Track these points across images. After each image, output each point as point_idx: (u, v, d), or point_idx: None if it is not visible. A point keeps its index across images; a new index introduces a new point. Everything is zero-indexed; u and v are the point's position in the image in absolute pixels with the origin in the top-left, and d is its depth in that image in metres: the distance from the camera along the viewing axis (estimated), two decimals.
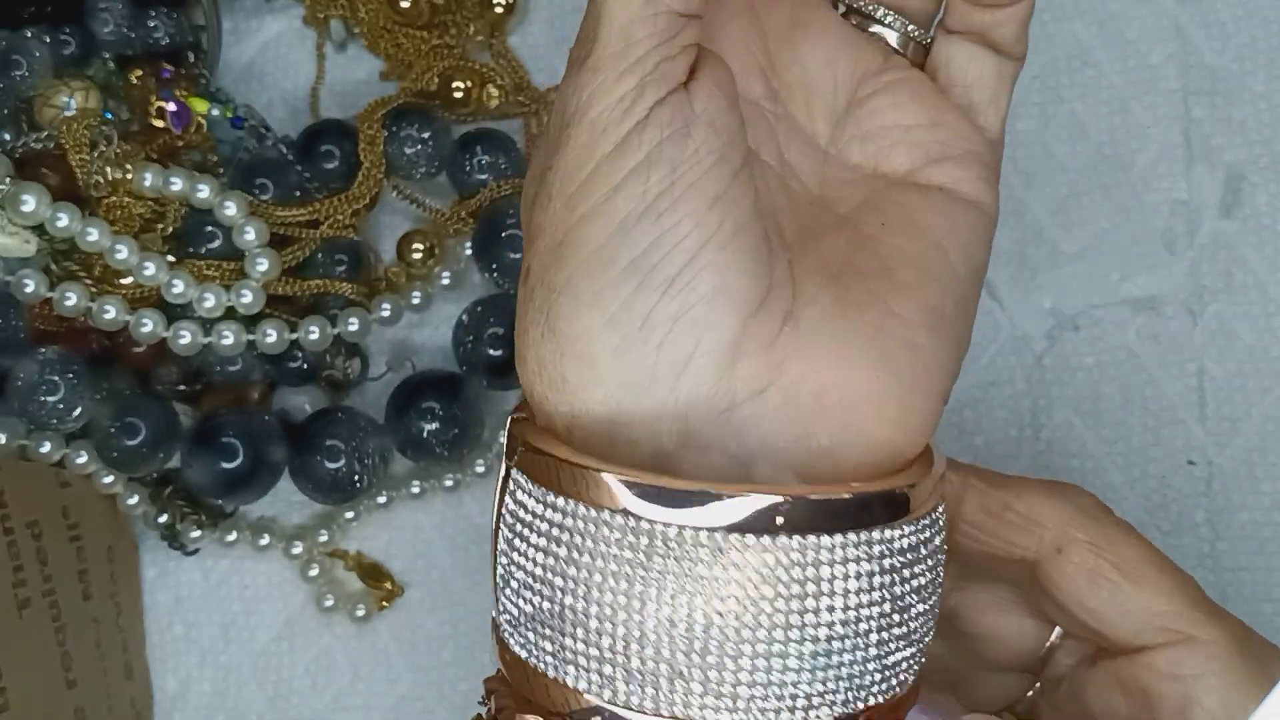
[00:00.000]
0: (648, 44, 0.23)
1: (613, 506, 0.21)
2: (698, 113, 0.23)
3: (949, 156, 0.27)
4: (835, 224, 0.26)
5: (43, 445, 0.39)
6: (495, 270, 0.41)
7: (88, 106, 0.40)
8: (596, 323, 0.22)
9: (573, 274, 0.22)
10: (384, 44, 0.44)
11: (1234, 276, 0.40)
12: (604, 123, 0.22)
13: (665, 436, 0.23)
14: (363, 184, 0.41)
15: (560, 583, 0.22)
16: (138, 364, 0.40)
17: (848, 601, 0.22)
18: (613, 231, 0.22)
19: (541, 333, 0.23)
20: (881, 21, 0.28)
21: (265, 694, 0.41)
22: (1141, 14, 0.42)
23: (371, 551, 0.42)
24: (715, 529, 0.21)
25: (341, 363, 0.41)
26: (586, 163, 0.22)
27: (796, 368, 0.23)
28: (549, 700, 0.23)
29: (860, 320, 0.24)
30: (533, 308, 0.23)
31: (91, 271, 0.39)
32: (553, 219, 0.23)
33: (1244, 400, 0.39)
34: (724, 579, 0.21)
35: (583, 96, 0.23)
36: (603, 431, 0.23)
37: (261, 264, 0.39)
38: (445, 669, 0.41)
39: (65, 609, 0.37)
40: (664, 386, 0.22)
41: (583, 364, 0.23)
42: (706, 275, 0.22)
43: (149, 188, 0.39)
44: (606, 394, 0.22)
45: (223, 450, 0.38)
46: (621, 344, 0.22)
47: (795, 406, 0.23)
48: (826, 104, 0.27)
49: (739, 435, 0.23)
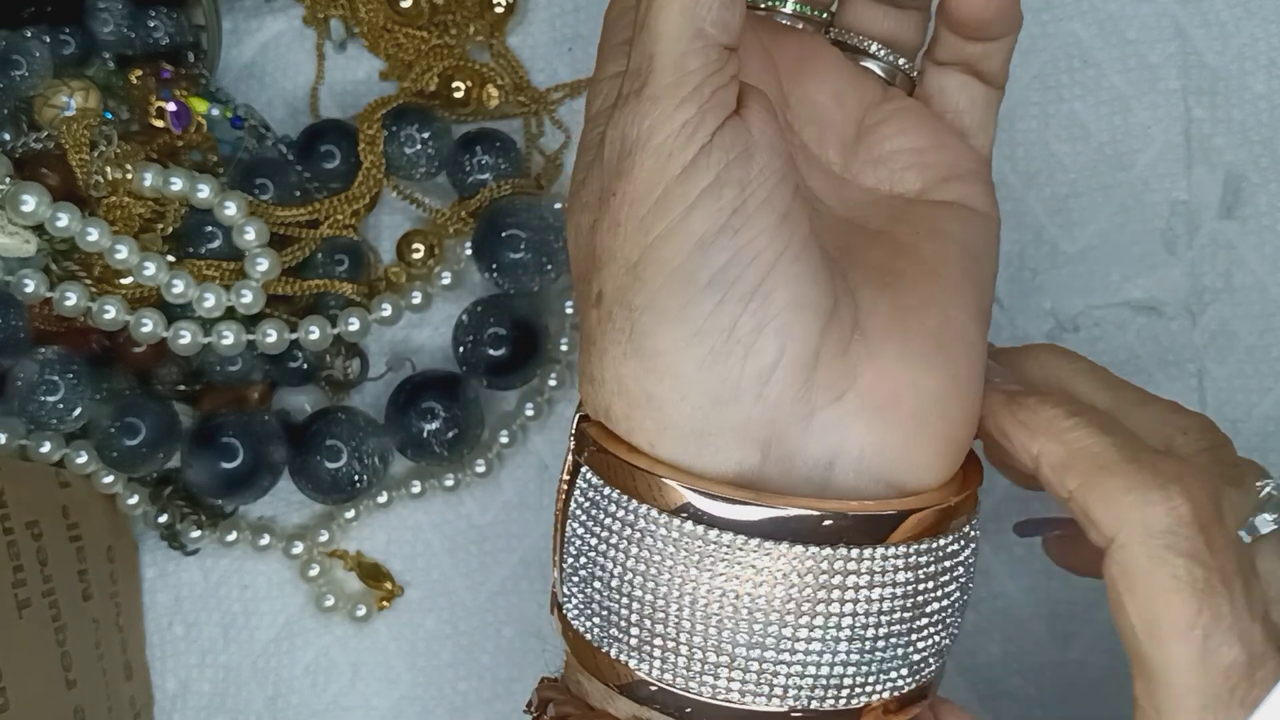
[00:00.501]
0: (701, 74, 0.24)
1: (672, 508, 0.23)
2: (755, 137, 0.24)
3: (956, 175, 0.29)
4: (871, 238, 0.27)
5: (43, 445, 0.39)
6: (495, 270, 0.41)
7: (88, 106, 0.40)
8: (682, 338, 0.23)
9: (656, 293, 0.24)
10: (384, 44, 0.44)
11: (1234, 277, 0.40)
12: (669, 149, 0.24)
13: (751, 445, 0.24)
14: (362, 184, 0.41)
15: (619, 571, 0.24)
16: (138, 364, 0.40)
17: (881, 606, 0.23)
18: (692, 249, 0.23)
19: (624, 352, 0.24)
20: (871, 54, 0.30)
21: (265, 694, 0.41)
22: (1142, 14, 0.42)
23: (371, 551, 0.42)
24: (763, 536, 0.23)
25: (341, 363, 0.41)
26: (655, 186, 0.24)
27: (869, 372, 0.24)
28: (600, 673, 0.25)
29: (921, 323, 0.25)
30: (612, 329, 0.24)
31: (91, 271, 0.39)
32: (625, 241, 0.24)
33: (1244, 401, 0.39)
34: (768, 581, 0.23)
35: (644, 125, 0.24)
36: (691, 444, 0.24)
37: (261, 264, 0.39)
38: (444, 669, 0.41)
39: (65, 609, 0.37)
40: (750, 396, 0.24)
41: (670, 379, 0.24)
42: (783, 287, 0.24)
43: (149, 188, 0.39)
44: (694, 407, 0.24)
45: (223, 450, 0.38)
46: (708, 357, 0.23)
47: (871, 410, 0.24)
48: (837, 134, 0.29)
49: (820, 441, 0.24)
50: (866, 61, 0.31)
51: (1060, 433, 0.25)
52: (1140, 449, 0.24)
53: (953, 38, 0.30)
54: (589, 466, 0.25)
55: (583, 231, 0.25)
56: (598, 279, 0.25)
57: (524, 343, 0.40)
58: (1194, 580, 0.23)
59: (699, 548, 0.23)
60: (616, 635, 0.24)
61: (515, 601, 0.41)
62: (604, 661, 0.25)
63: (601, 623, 0.25)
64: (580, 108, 0.44)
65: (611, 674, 0.25)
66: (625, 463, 0.24)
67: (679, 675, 0.24)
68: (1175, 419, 0.26)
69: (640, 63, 0.24)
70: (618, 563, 0.24)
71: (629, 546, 0.24)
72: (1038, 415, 0.26)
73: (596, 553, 0.24)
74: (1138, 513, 0.23)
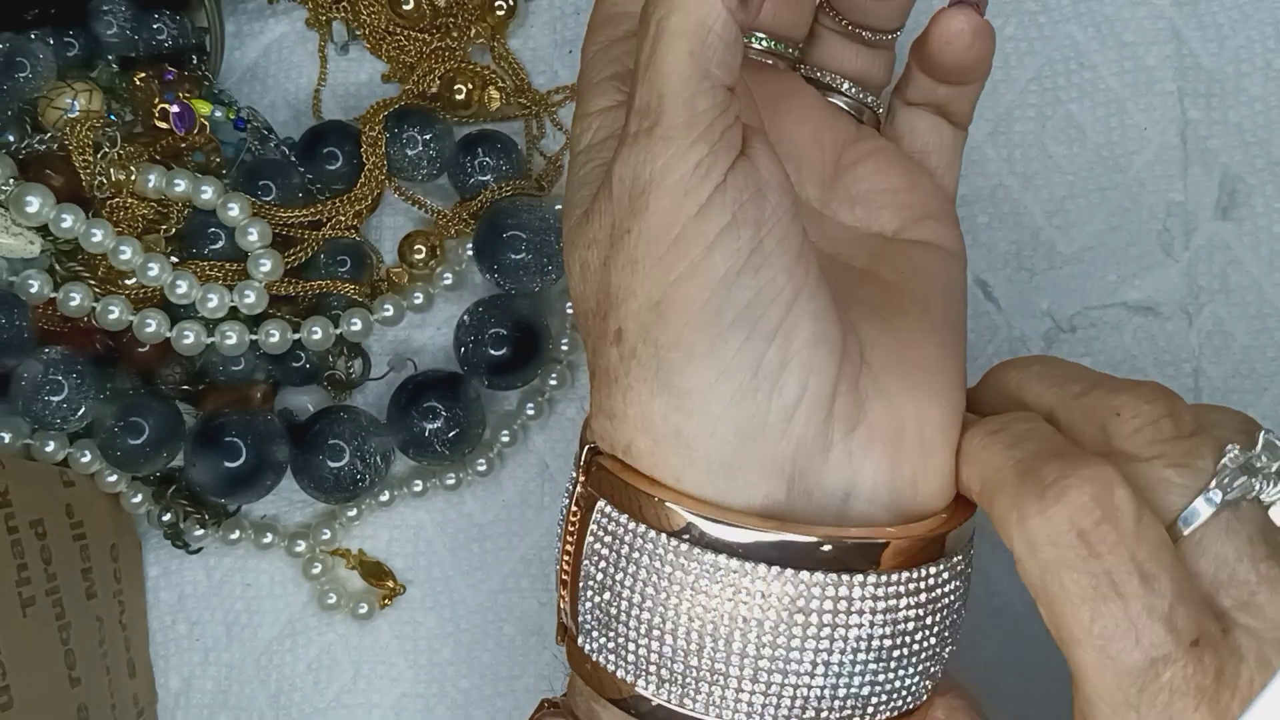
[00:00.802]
0: (711, 114, 0.24)
1: (673, 529, 0.24)
2: (765, 177, 0.25)
3: (929, 215, 0.30)
4: (859, 277, 0.28)
5: (47, 444, 0.39)
6: (496, 271, 0.41)
7: (91, 108, 0.40)
8: (711, 375, 0.24)
9: (682, 331, 0.24)
10: (386, 46, 0.44)
11: (1230, 278, 0.40)
12: (684, 188, 0.24)
13: (777, 479, 0.24)
14: (365, 185, 0.42)
15: (621, 590, 0.24)
16: (141, 364, 0.41)
17: (872, 632, 0.24)
18: (715, 287, 0.24)
19: (651, 389, 0.24)
20: (840, 91, 0.31)
21: (267, 691, 0.41)
22: (1138, 16, 0.42)
23: (373, 550, 0.42)
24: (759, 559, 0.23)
25: (344, 363, 0.42)
26: (673, 225, 0.24)
27: (878, 405, 0.25)
28: (602, 689, 0.26)
29: (920, 358, 0.26)
30: (637, 365, 0.24)
31: (95, 272, 0.39)
32: (645, 279, 0.24)
33: (1240, 401, 0.39)
34: (762, 604, 0.23)
35: (657, 164, 0.24)
36: (720, 479, 0.24)
37: (264, 265, 0.39)
38: (446, 667, 0.41)
39: (69, 607, 0.37)
40: (777, 432, 0.24)
41: (699, 416, 0.24)
42: (804, 323, 0.24)
43: (152, 189, 0.40)
44: (723, 443, 0.24)
45: (226, 449, 0.39)
46: (736, 394, 0.24)
47: (882, 442, 0.25)
48: (816, 171, 0.30)
49: (836, 473, 0.25)
50: (834, 98, 0.31)
51: (975, 456, 0.25)
52: (1039, 457, 0.23)
53: (925, 80, 0.30)
54: (597, 492, 0.25)
55: (591, 268, 0.25)
56: (615, 316, 0.25)
57: (525, 343, 0.40)
58: (1080, 590, 0.22)
59: (697, 569, 0.24)
60: (617, 651, 0.25)
61: (516, 599, 0.41)
62: (605, 677, 0.25)
63: (603, 639, 0.25)
64: None
65: (613, 689, 0.25)
66: (631, 487, 0.24)
67: (675, 692, 0.24)
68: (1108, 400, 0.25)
69: (648, 102, 0.24)
70: (621, 583, 0.24)
71: (632, 568, 0.24)
72: (964, 443, 0.26)
73: (602, 573, 0.25)
74: (1019, 529, 0.23)
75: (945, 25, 0.29)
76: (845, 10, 0.30)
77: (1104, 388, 0.25)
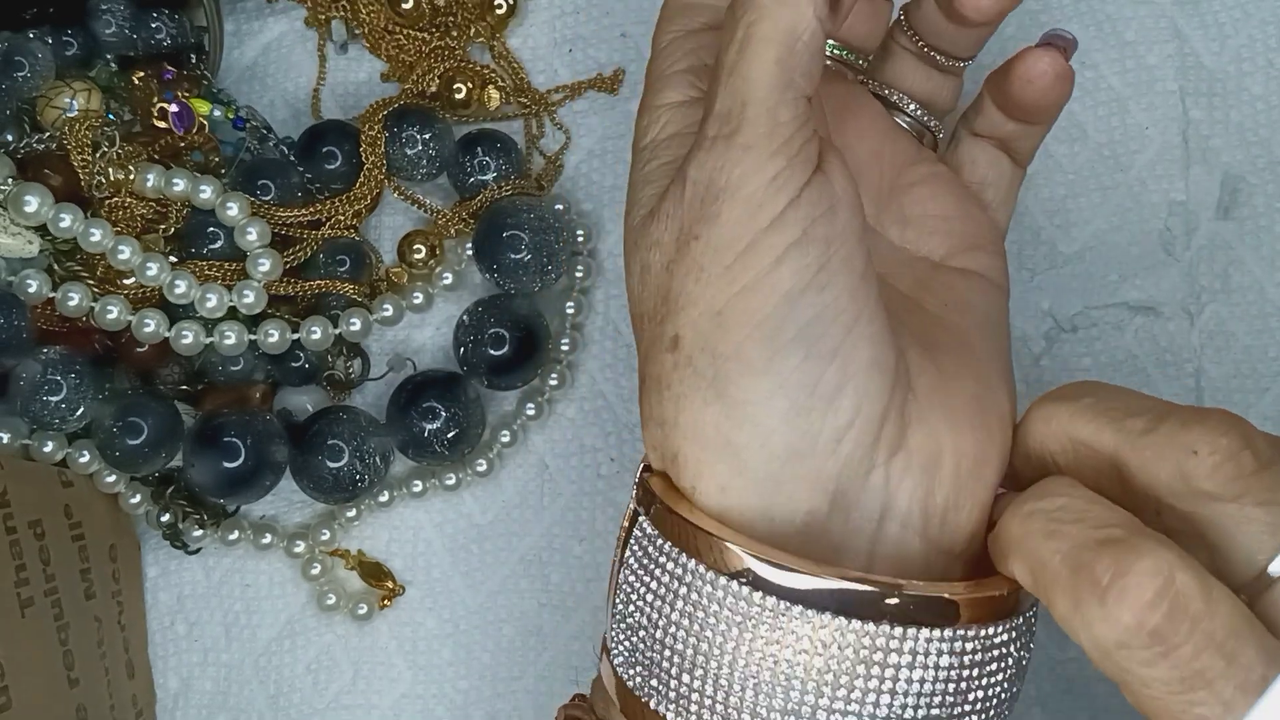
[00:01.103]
0: (792, 126, 0.24)
1: (730, 571, 0.23)
2: (838, 193, 0.24)
3: (978, 245, 0.30)
4: (905, 304, 0.28)
5: (45, 445, 0.39)
6: (495, 271, 0.41)
7: (90, 107, 0.40)
8: (767, 389, 0.24)
9: (742, 343, 0.24)
10: (385, 45, 0.44)
11: (1231, 278, 0.40)
12: (759, 199, 0.24)
13: (821, 496, 0.24)
14: (364, 185, 0.42)
15: (666, 624, 0.24)
16: (140, 364, 0.40)
17: (921, 689, 0.23)
18: (779, 303, 0.24)
19: (705, 399, 0.24)
20: (905, 111, 0.31)
21: (266, 692, 0.41)
22: (1139, 15, 0.42)
23: (372, 550, 0.42)
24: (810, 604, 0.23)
25: (343, 363, 0.41)
26: (743, 236, 0.24)
27: (919, 432, 0.25)
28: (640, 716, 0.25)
29: (961, 389, 0.26)
30: (692, 374, 0.24)
31: (94, 272, 0.39)
32: (708, 288, 0.24)
33: (1241, 401, 0.39)
34: (809, 649, 0.23)
35: (734, 173, 0.24)
36: (766, 490, 0.24)
37: (263, 264, 0.39)
38: (445, 668, 0.41)
39: (68, 608, 0.37)
40: (826, 451, 0.24)
41: (751, 427, 0.24)
42: (863, 347, 0.24)
43: (151, 188, 0.39)
44: (772, 456, 0.24)
45: (225, 450, 0.39)
46: (791, 410, 0.24)
47: (919, 468, 0.25)
48: (872, 187, 0.30)
49: (875, 495, 0.25)
50: (898, 116, 0.31)
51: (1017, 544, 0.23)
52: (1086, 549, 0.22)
53: (995, 113, 0.30)
54: (650, 520, 0.25)
55: (652, 270, 0.25)
56: (673, 322, 0.25)
57: (525, 343, 0.40)
58: (1167, 686, 0.21)
59: (744, 609, 0.23)
60: (657, 686, 0.25)
61: (515, 600, 0.41)
62: (644, 711, 0.25)
63: (644, 672, 0.25)
64: (580, 109, 0.44)
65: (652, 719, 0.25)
66: (687, 522, 0.24)
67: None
68: (1181, 436, 0.23)
69: (730, 107, 0.24)
70: (665, 616, 0.24)
71: (678, 602, 0.24)
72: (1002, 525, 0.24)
73: (646, 604, 0.24)
74: (1086, 633, 0.22)
75: (1030, 64, 0.28)
76: (923, 32, 0.30)
77: (1172, 422, 0.23)
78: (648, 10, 0.44)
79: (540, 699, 0.40)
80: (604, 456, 0.42)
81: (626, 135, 0.43)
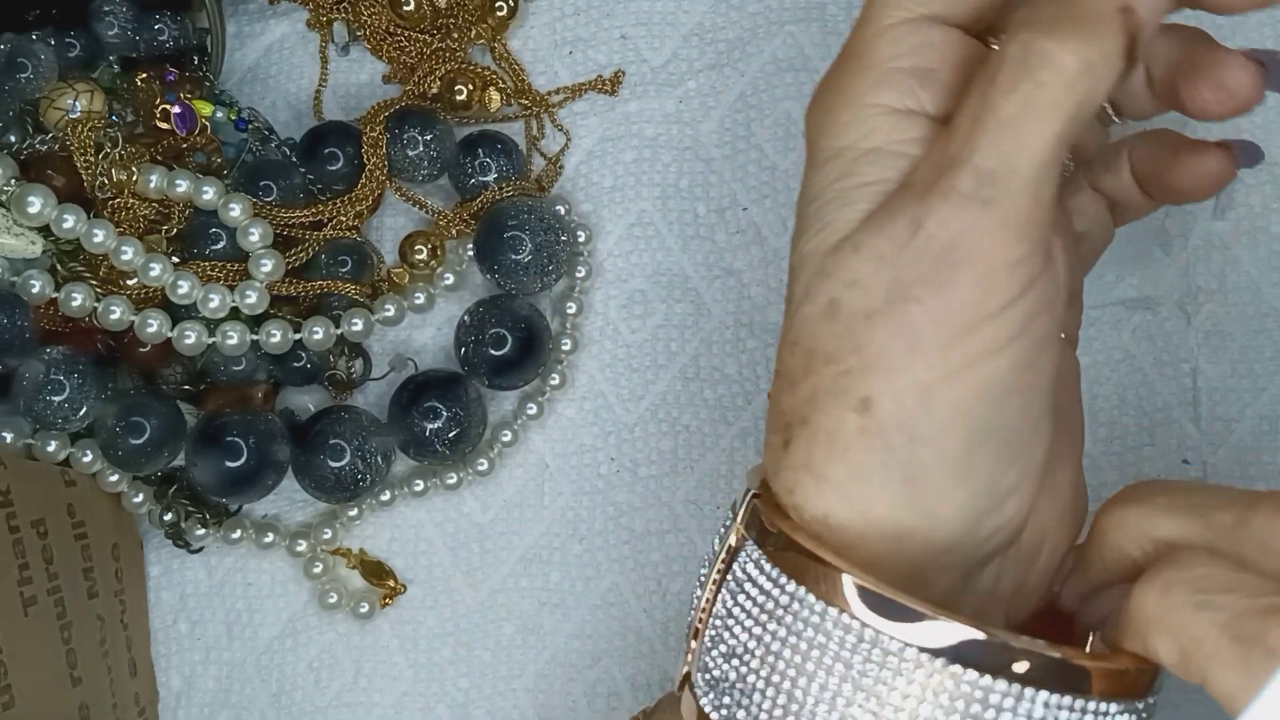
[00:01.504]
0: (1048, 205, 0.22)
1: (840, 605, 0.22)
2: (1060, 286, 0.23)
3: (1071, 304, 0.28)
4: None
5: (48, 444, 0.39)
6: (496, 271, 0.41)
7: (93, 109, 0.40)
8: (954, 483, 0.22)
9: (944, 431, 0.22)
10: (386, 47, 0.44)
11: (1228, 277, 0.40)
12: (998, 281, 0.21)
13: (957, 579, 0.24)
14: (365, 186, 0.42)
15: (765, 657, 0.22)
16: (143, 364, 0.41)
17: None
18: (991, 399, 0.22)
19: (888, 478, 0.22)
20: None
21: (268, 690, 0.42)
22: None
23: (374, 549, 0.42)
24: (926, 648, 0.21)
25: (345, 363, 0.42)
26: (970, 317, 0.22)
27: (1032, 526, 0.25)
28: None
29: (1065, 478, 0.26)
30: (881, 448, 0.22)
31: (97, 272, 0.39)
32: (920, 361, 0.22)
33: (1238, 400, 0.40)
34: (916, 695, 0.21)
35: (980, 242, 0.21)
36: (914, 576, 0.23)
37: (265, 265, 0.40)
38: (446, 666, 0.41)
39: (70, 607, 0.37)
40: (976, 543, 0.23)
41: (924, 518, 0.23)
42: (1039, 449, 0.23)
43: (154, 189, 0.40)
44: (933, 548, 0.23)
45: (227, 449, 0.39)
46: (968, 507, 0.23)
47: (1024, 558, 0.25)
48: None
49: (991, 574, 0.24)
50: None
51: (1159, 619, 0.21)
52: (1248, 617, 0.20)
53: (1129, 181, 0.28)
54: (760, 547, 0.23)
55: (845, 312, 0.23)
56: (867, 382, 0.22)
57: (525, 343, 0.40)
58: None
59: (852, 644, 0.22)
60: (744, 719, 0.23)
61: (515, 599, 0.41)
62: None
63: (731, 704, 0.23)
64: (580, 110, 0.44)
65: None
66: (805, 552, 0.22)
67: None
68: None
69: (996, 169, 0.21)
70: (765, 645, 0.23)
71: (794, 639, 0.22)
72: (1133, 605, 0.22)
73: (745, 631, 0.23)
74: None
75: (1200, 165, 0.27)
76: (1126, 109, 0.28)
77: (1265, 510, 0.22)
78: (647, 12, 0.44)
79: (540, 697, 0.41)
80: (603, 456, 0.42)
81: (626, 136, 0.43)
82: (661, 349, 0.42)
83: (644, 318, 0.42)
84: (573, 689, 0.41)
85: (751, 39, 0.43)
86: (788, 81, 0.43)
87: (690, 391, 0.42)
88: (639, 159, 0.43)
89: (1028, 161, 0.21)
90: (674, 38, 0.44)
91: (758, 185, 0.42)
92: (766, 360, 0.41)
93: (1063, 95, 0.21)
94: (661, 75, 0.44)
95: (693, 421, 0.41)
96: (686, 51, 0.44)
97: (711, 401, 0.41)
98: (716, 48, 0.43)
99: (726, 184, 0.42)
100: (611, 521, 0.41)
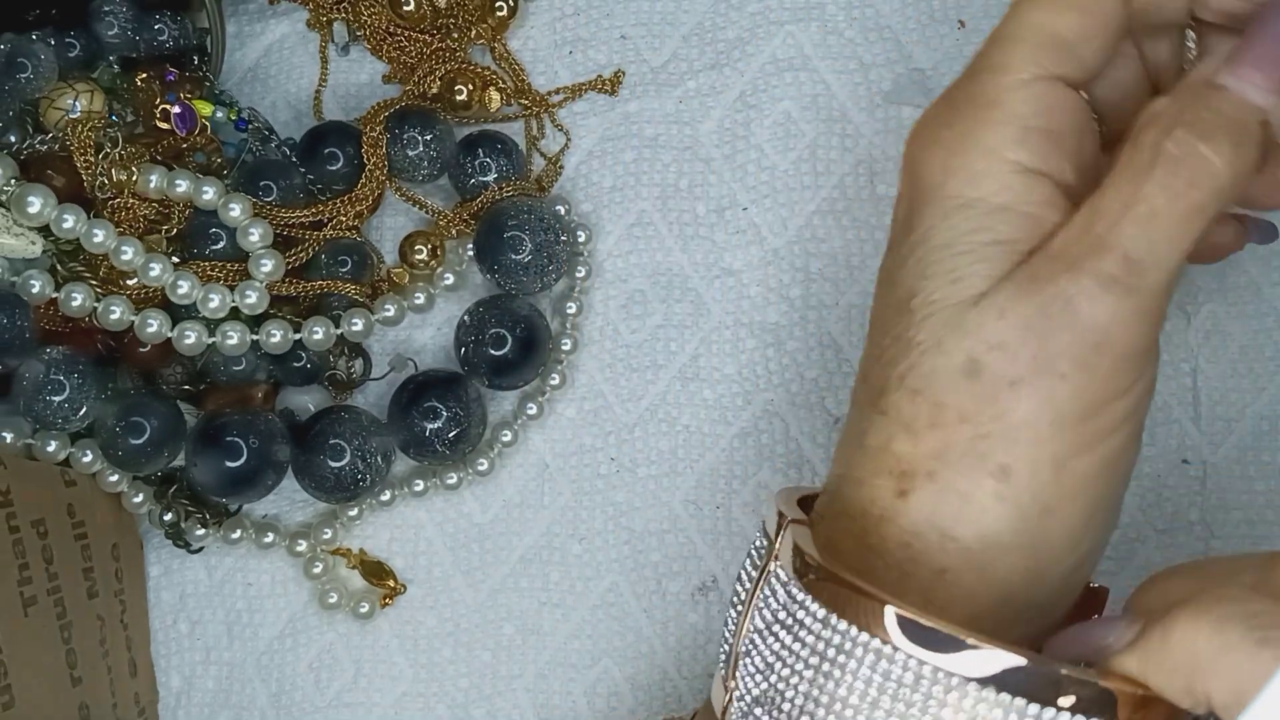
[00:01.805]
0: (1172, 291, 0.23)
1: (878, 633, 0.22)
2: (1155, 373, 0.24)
3: None
4: None
5: (48, 444, 0.39)
6: (496, 271, 0.41)
7: (93, 109, 0.40)
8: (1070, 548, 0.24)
9: (1069, 502, 0.23)
10: (386, 47, 0.44)
11: (1227, 277, 0.40)
12: (1130, 366, 0.22)
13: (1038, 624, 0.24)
14: (365, 186, 0.42)
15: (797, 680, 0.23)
16: (143, 364, 0.41)
17: None
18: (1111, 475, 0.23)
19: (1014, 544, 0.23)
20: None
21: (268, 690, 0.42)
22: None
23: (374, 549, 0.42)
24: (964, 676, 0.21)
25: (345, 363, 0.42)
26: (1104, 398, 0.23)
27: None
28: None
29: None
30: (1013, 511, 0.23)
31: (97, 272, 0.39)
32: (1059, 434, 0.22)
33: (1238, 400, 0.40)
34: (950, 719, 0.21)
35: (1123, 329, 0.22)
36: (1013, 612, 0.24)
37: (265, 265, 0.40)
38: (446, 666, 0.41)
39: (70, 607, 0.37)
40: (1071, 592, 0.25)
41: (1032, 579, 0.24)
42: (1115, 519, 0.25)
43: (154, 189, 0.40)
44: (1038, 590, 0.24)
45: (227, 449, 0.39)
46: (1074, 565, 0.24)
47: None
48: None
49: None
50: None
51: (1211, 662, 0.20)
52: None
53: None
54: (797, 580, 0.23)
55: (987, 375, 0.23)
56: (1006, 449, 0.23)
57: (525, 343, 0.41)
58: None
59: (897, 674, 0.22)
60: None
61: (515, 599, 0.41)
62: None
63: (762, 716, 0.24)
64: (580, 111, 0.44)
65: None
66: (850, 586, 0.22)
67: None
68: None
69: (1144, 259, 0.22)
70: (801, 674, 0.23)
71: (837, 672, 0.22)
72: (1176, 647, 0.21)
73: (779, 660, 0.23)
74: None
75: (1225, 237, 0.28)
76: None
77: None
78: (647, 13, 0.44)
79: (540, 697, 0.41)
80: (603, 456, 0.42)
81: (626, 137, 0.43)
82: (661, 349, 0.42)
83: (643, 317, 0.42)
84: (573, 689, 0.41)
85: (751, 39, 0.43)
86: (787, 81, 0.43)
87: (689, 391, 0.42)
88: (639, 159, 0.43)
89: (1170, 256, 0.22)
90: (674, 38, 0.44)
91: (757, 185, 0.42)
92: (765, 360, 0.41)
93: (1210, 200, 0.22)
94: (661, 75, 0.44)
95: (692, 421, 0.41)
96: (686, 51, 0.44)
97: (710, 401, 0.41)
98: (716, 47, 0.43)
99: (726, 184, 0.42)
100: (611, 521, 0.41)
